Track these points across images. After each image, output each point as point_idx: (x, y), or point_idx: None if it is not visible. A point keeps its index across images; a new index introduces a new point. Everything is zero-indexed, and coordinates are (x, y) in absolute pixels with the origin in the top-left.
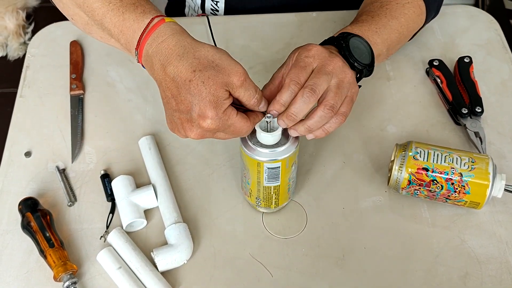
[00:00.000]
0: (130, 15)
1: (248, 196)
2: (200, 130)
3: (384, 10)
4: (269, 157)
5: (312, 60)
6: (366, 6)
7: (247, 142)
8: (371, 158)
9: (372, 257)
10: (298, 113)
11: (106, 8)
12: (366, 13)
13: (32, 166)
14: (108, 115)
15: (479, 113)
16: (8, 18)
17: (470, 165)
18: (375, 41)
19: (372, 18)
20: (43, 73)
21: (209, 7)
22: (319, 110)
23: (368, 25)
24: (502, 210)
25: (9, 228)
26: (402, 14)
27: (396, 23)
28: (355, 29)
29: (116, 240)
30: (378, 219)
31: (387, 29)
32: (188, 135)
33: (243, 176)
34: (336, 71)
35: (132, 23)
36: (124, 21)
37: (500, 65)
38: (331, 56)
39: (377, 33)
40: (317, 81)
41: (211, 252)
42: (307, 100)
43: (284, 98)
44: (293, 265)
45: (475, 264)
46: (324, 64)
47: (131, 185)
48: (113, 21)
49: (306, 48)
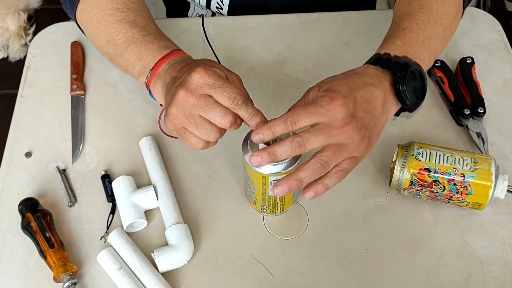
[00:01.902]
0: (152, 45)
1: (253, 204)
2: (184, 91)
3: (426, 12)
4: (273, 170)
5: (324, 115)
6: (403, 6)
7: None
8: (372, 159)
9: (373, 258)
10: (279, 153)
11: (129, 42)
12: (408, 16)
13: (33, 166)
14: (109, 116)
15: (481, 114)
16: (9, 20)
17: (473, 166)
18: (424, 57)
19: (417, 25)
20: (44, 73)
21: (214, 5)
22: (312, 161)
23: (416, 37)
24: (504, 211)
25: (9, 228)
26: (444, 15)
27: (441, 29)
28: (403, 42)
29: (116, 241)
30: (380, 220)
31: (434, 39)
32: (174, 99)
33: (247, 186)
34: (340, 135)
35: (154, 51)
36: (146, 50)
37: (502, 66)
38: (345, 121)
39: (424, 46)
40: (311, 138)
41: (212, 253)
42: (293, 148)
43: (276, 128)
44: (294, 266)
45: (478, 265)
46: (331, 125)
47: (132, 185)
48: (134, 51)
49: (330, 98)
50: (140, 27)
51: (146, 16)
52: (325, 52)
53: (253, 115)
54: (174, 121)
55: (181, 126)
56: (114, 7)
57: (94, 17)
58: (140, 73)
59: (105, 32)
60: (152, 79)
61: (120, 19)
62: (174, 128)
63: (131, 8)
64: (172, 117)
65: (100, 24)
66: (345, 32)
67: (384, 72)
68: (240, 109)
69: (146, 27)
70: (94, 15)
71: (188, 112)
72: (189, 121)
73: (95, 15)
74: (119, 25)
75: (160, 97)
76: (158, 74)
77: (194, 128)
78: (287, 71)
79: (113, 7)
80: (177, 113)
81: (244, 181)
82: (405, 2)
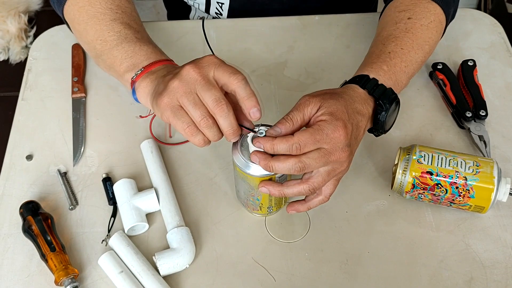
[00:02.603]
0: (147, 47)
1: (259, 210)
2: (191, 66)
3: (411, 37)
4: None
5: (328, 142)
6: (389, 25)
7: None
8: (374, 162)
9: (376, 262)
10: (277, 170)
11: (121, 40)
12: (393, 39)
13: (34, 169)
14: (110, 118)
15: (483, 117)
16: (10, 22)
17: (475, 169)
18: (402, 82)
19: (402, 51)
20: (45, 76)
21: (213, 10)
22: (302, 185)
23: (400, 62)
24: (507, 214)
25: (10, 231)
26: (427, 40)
27: (422, 55)
28: (389, 67)
29: (117, 244)
30: (382, 223)
31: (414, 65)
32: (170, 84)
33: (248, 196)
34: (336, 162)
35: (149, 53)
36: (140, 50)
37: (504, 68)
38: (343, 149)
39: (405, 72)
40: (313, 164)
41: (213, 256)
42: (292, 170)
43: (279, 147)
44: (296, 269)
45: (480, 268)
46: (332, 152)
47: (133, 188)
48: (126, 49)
49: (335, 127)
50: (134, 30)
51: (140, 23)
52: (327, 55)
53: (250, 96)
54: (172, 95)
55: (177, 102)
56: (108, 7)
57: (84, 13)
58: (127, 70)
59: (95, 29)
60: (142, 75)
61: (114, 19)
62: (169, 104)
63: (125, 12)
64: (171, 90)
65: (91, 20)
66: (346, 35)
67: (370, 98)
68: (240, 84)
69: (140, 32)
70: (85, 11)
71: (189, 89)
72: (188, 97)
73: (86, 12)
74: (112, 24)
75: (146, 92)
76: (151, 72)
77: (191, 106)
78: (289, 73)
79: (107, 7)
80: (178, 87)
81: (244, 194)
82: (392, 21)
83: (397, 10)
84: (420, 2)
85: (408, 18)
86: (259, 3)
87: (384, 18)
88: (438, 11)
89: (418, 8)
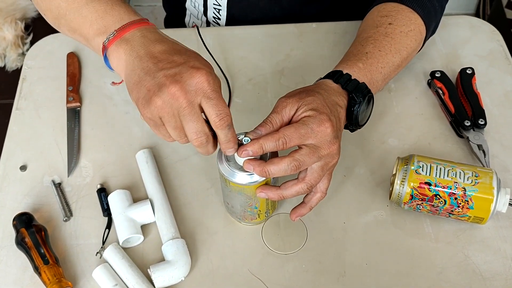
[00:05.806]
0: (120, 8)
1: (257, 218)
2: (178, 89)
3: (389, 41)
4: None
5: (314, 137)
6: (370, 28)
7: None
8: (372, 172)
9: (374, 273)
10: (273, 174)
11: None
12: (372, 41)
13: (28, 180)
14: (105, 128)
15: (482, 126)
16: (6, 29)
17: (474, 180)
18: (377, 82)
19: (379, 52)
20: (40, 85)
21: (211, 15)
22: (300, 184)
23: (376, 63)
24: (506, 225)
25: (3, 244)
26: (405, 47)
27: (399, 59)
28: (364, 65)
29: (112, 256)
30: (380, 234)
31: (391, 67)
32: (154, 99)
33: (246, 209)
34: (327, 156)
35: (122, 14)
36: (112, 10)
37: (503, 76)
38: (332, 142)
39: (381, 72)
40: (307, 161)
41: (209, 269)
42: (288, 171)
43: (267, 145)
44: (293, 281)
45: (480, 280)
46: (321, 146)
47: (128, 199)
48: (96, 8)
49: (320, 121)
50: None
51: None
52: (324, 62)
53: (230, 141)
54: (155, 113)
55: (159, 120)
56: None
57: None
58: (98, 33)
59: None
60: (114, 41)
61: None
62: (151, 119)
63: None
64: (154, 109)
65: None
66: (344, 42)
67: (343, 92)
68: (223, 130)
69: None
70: None
71: (172, 112)
72: (169, 120)
73: None
74: None
75: (121, 65)
76: (125, 38)
77: (171, 128)
78: (286, 82)
79: None
80: (162, 107)
81: (241, 207)
82: (373, 25)
83: (379, 14)
84: (402, 11)
85: (389, 24)
86: (259, 8)
87: (366, 21)
88: (419, 22)
89: (400, 16)
